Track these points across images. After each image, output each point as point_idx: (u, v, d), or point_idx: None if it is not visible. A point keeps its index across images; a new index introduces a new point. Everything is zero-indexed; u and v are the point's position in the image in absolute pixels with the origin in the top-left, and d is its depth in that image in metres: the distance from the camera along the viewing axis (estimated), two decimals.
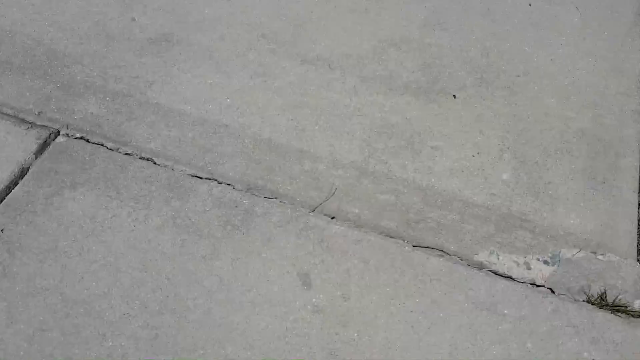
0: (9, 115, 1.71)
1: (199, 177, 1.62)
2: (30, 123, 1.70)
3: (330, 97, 1.82)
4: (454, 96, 1.86)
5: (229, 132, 1.72)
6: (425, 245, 1.55)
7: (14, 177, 1.59)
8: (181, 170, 1.63)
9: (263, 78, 1.85)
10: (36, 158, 1.63)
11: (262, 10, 2.03)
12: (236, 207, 1.56)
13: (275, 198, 1.59)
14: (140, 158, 1.65)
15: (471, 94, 1.87)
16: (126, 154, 1.65)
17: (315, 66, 1.88)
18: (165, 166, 1.64)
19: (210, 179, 1.62)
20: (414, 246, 1.54)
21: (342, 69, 1.89)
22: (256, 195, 1.59)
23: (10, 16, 1.93)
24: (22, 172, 1.60)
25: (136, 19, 1.96)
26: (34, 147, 1.65)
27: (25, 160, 1.62)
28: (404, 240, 1.54)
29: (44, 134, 1.67)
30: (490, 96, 1.87)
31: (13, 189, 1.56)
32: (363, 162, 1.69)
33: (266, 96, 1.80)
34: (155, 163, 1.64)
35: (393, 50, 1.95)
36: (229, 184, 1.61)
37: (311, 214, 1.56)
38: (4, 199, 1.54)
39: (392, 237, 1.54)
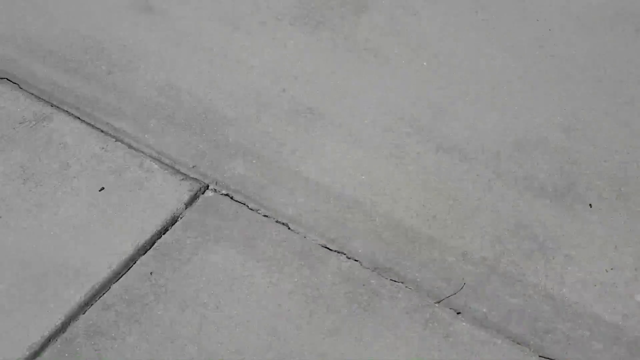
0: (167, 165, 1.89)
1: (329, 248, 1.69)
2: (184, 175, 1.86)
3: (464, 187, 1.85)
4: (590, 205, 1.83)
5: (362, 208, 1.79)
6: (552, 358, 1.50)
7: (165, 223, 1.74)
8: (313, 239, 1.71)
9: (398, 160, 1.92)
10: (186, 208, 1.78)
11: (404, 93, 2.13)
12: (363, 285, 1.61)
13: (402, 282, 1.62)
14: (277, 222, 1.75)
15: (607, 205, 1.83)
16: (265, 215, 1.76)
17: (451, 155, 1.93)
18: (298, 233, 1.72)
19: (339, 252, 1.68)
20: (540, 356, 1.50)
21: (478, 162, 1.92)
22: (383, 277, 1.63)
23: (177, 74, 2.16)
24: (173, 220, 1.75)
25: (286, 89, 2.12)
26: (185, 197, 1.80)
27: (177, 209, 1.77)
28: (530, 349, 1.51)
29: (195, 186, 1.83)
30: (628, 211, 1.82)
31: (164, 234, 1.71)
32: (494, 260, 1.68)
33: (400, 178, 1.87)
34: (289, 228, 1.73)
35: (530, 149, 1.96)
36: (357, 260, 1.66)
37: (437, 305, 1.57)
38: (155, 242, 1.69)
39: (518, 344, 1.51)
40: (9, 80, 2.08)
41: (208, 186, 1.83)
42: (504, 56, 2.28)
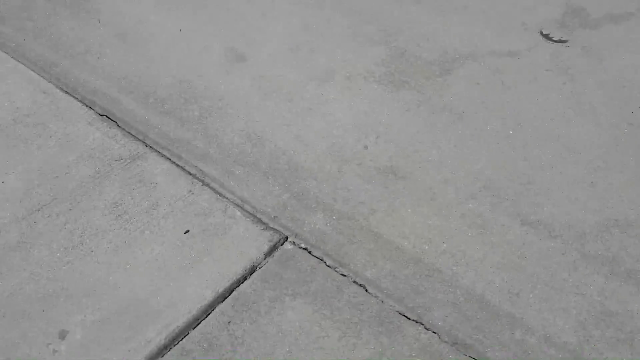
0: (249, 212, 1.93)
1: (407, 317, 1.66)
2: (265, 224, 1.90)
3: (549, 266, 1.79)
4: None
5: (442, 278, 1.76)
6: None
7: (245, 272, 1.77)
8: (391, 305, 1.69)
9: (481, 230, 1.89)
10: (265, 258, 1.80)
11: (488, 161, 2.11)
12: None
13: None
14: (354, 282, 1.74)
15: None
16: (342, 274, 1.76)
17: (536, 230, 1.88)
18: (376, 297, 1.71)
19: (417, 322, 1.65)
20: None
21: (563, 240, 1.86)
22: (462, 353, 1.58)
23: (264, 123, 2.23)
24: (252, 269, 1.77)
25: (368, 147, 2.15)
26: (265, 247, 1.83)
27: (256, 258, 1.80)
28: None
29: (275, 237, 1.86)
30: None
31: (242, 283, 1.74)
32: (577, 346, 1.61)
33: (482, 250, 1.83)
34: (367, 291, 1.72)
35: (617, 232, 1.89)
36: (435, 333, 1.63)
37: None
38: (234, 290, 1.72)
39: None
40: (108, 117, 2.22)
41: (287, 238, 1.86)
42: (594, 130, 2.23)
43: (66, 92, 2.29)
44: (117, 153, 2.09)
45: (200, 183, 2.02)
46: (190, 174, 2.04)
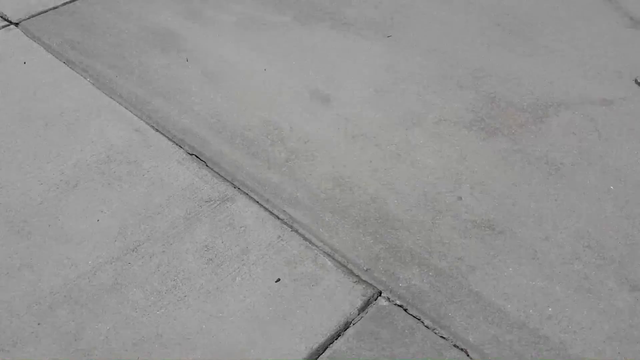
0: (340, 263, 1.88)
1: None
2: (357, 277, 1.84)
3: None
4: None
5: (549, 346, 1.64)
6: None
7: (338, 327, 1.71)
8: None
9: (588, 295, 1.76)
10: (358, 314, 1.74)
11: (590, 218, 1.99)
12: None
13: None
14: (455, 346, 1.65)
15: None
16: (442, 337, 1.67)
17: None
18: None
19: None
20: None
21: None
22: None
23: (352, 168, 2.19)
24: (346, 325, 1.71)
25: (462, 198, 2.07)
26: (358, 302, 1.77)
27: (350, 313, 1.74)
28: None
29: (369, 292, 1.79)
30: None
31: (336, 339, 1.68)
32: None
33: (590, 317, 1.71)
34: (469, 356, 1.63)
35: None
36: None
37: None
38: (328, 347, 1.66)
39: None
40: (197, 157, 2.23)
41: (381, 293, 1.79)
42: None
43: (157, 131, 2.33)
44: (207, 194, 2.09)
45: (289, 229, 1.98)
46: (278, 218, 2.02)
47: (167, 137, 2.31)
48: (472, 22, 3.00)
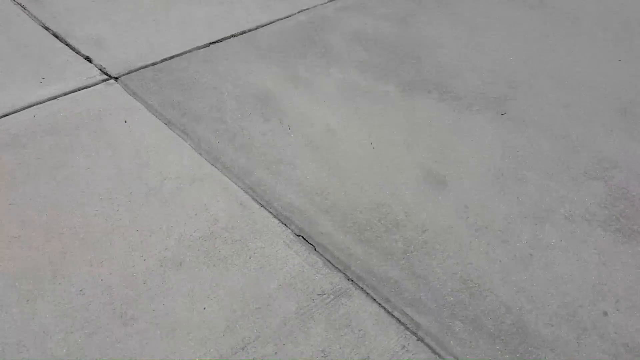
0: None
1: None
2: None
3: None
4: None
5: None
6: None
7: None
8: None
9: None
10: None
11: None
12: None
13: None
14: None
15: None
16: None
17: None
18: None
19: None
20: None
21: None
22: None
23: (480, 268, 1.96)
24: None
25: (608, 314, 1.83)
26: None
27: None
28: None
29: None
30: None
31: None
32: None
33: None
34: None
35: None
36: None
37: None
38: None
39: None
40: (305, 239, 2.06)
41: None
42: None
43: (262, 206, 2.17)
44: (319, 285, 1.90)
45: (415, 337, 1.77)
46: (400, 322, 1.80)
47: (273, 214, 2.15)
48: (594, 105, 2.79)
